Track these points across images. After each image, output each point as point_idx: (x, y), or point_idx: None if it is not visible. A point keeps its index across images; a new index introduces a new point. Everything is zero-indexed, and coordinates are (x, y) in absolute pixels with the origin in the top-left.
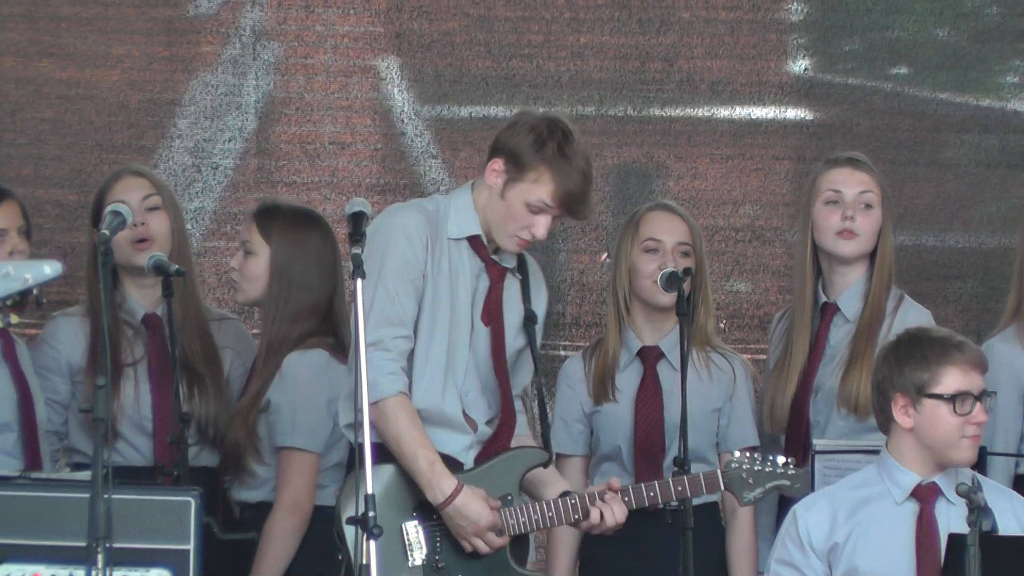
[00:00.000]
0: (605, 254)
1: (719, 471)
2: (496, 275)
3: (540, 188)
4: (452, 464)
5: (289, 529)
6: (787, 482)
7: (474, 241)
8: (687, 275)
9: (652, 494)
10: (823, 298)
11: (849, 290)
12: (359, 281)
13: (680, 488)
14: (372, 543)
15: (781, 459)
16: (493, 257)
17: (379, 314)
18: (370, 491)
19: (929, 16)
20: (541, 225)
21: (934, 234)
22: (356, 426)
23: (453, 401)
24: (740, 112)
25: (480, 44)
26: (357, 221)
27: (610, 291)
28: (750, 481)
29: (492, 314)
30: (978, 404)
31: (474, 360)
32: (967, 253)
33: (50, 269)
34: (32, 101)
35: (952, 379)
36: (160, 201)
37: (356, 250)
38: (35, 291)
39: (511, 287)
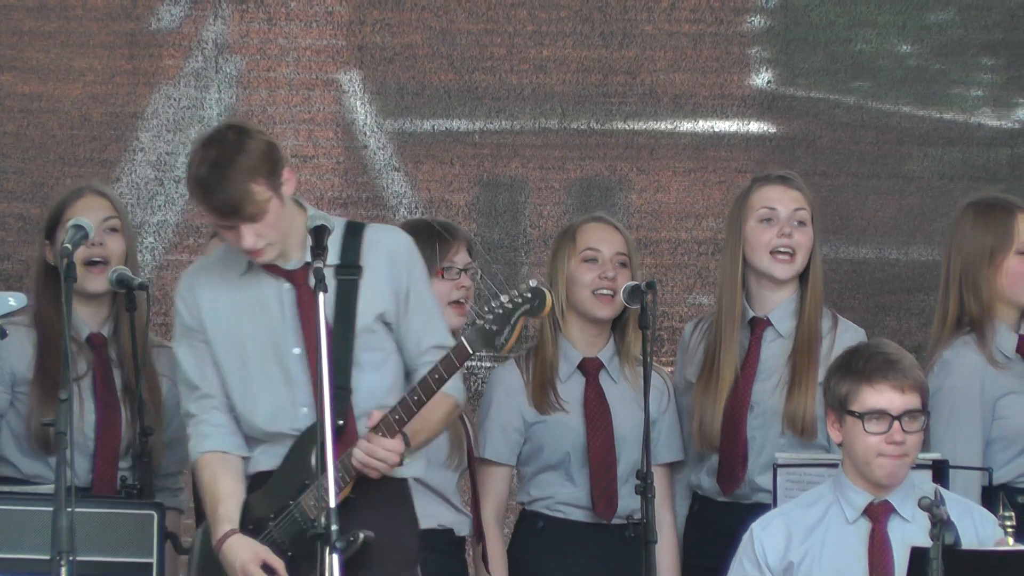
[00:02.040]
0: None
1: (461, 338)
2: (298, 278)
3: (201, 210)
4: None
5: None
6: (528, 305)
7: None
8: (649, 288)
9: (416, 398)
10: (751, 313)
11: (780, 306)
12: (320, 295)
13: (437, 376)
14: (335, 556)
15: (507, 296)
16: (280, 264)
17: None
18: (332, 504)
19: (892, 29)
20: (239, 238)
21: (897, 247)
22: (319, 444)
23: (280, 421)
24: (703, 125)
25: (442, 57)
26: (319, 235)
27: None
28: (495, 328)
29: (304, 318)
30: (896, 424)
31: (303, 370)
32: (930, 266)
33: (14, 301)
34: None
35: (867, 397)
36: (119, 224)
37: (318, 264)
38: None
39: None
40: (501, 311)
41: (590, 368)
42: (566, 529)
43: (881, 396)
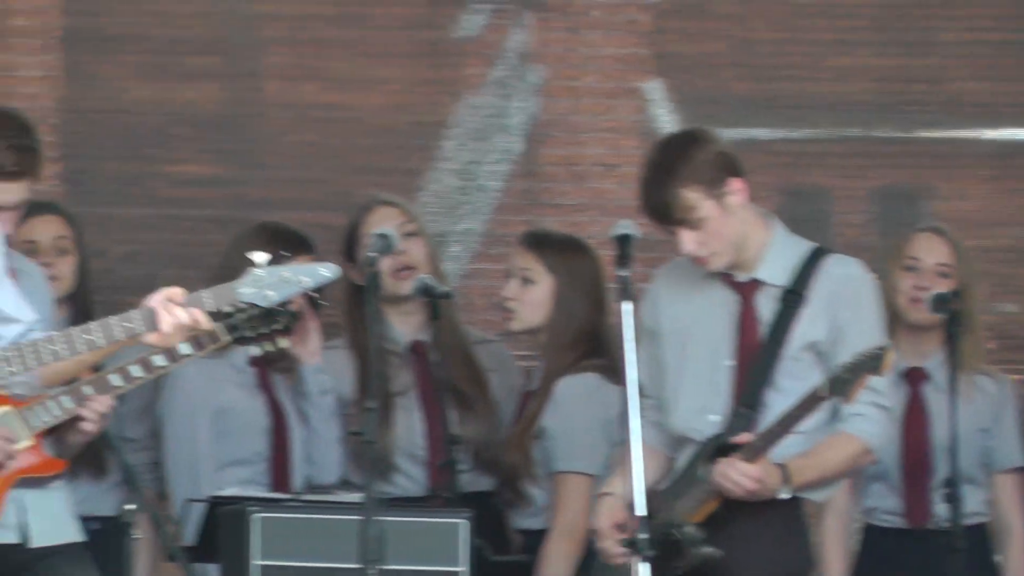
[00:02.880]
0: None
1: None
2: (746, 292)
3: None
4: None
5: (565, 555)
6: (870, 364)
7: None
8: (955, 297)
9: (775, 430)
10: None
11: None
12: (624, 304)
13: (794, 415)
14: (644, 565)
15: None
16: (733, 275)
17: None
18: (641, 512)
19: None
20: (679, 243)
21: None
22: (625, 449)
23: (689, 422)
24: (1005, 133)
25: (743, 66)
26: (624, 243)
27: None
28: (847, 376)
29: (741, 332)
30: None
31: (729, 382)
32: None
33: (326, 271)
34: (297, 125)
35: None
36: (416, 228)
37: (623, 272)
38: (313, 294)
39: (764, 300)
40: (852, 362)
41: (914, 378)
42: (890, 538)
43: None
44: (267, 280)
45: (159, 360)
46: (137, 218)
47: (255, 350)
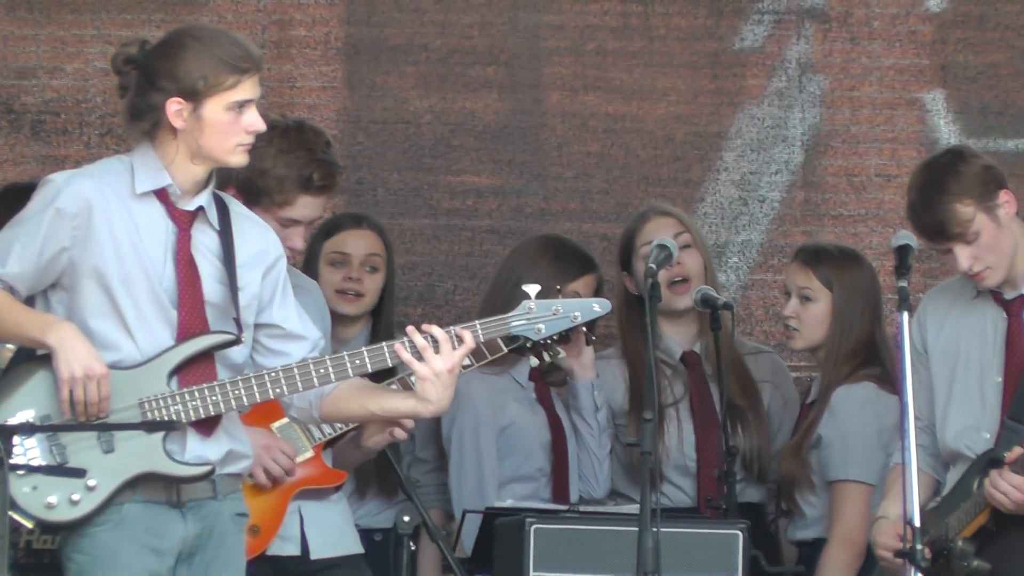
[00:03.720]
0: None
1: None
2: (1013, 308)
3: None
4: None
5: (843, 563)
6: None
7: None
8: None
9: None
10: None
11: None
12: (904, 314)
13: None
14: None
15: None
16: (1001, 292)
17: None
18: (917, 523)
19: None
20: (955, 260)
21: None
22: (897, 470)
23: (961, 440)
24: None
25: None
26: (903, 254)
27: None
28: None
29: (1010, 349)
30: None
31: (1000, 398)
32: None
33: (599, 307)
34: (578, 135)
35: None
36: (691, 238)
37: (903, 283)
38: (584, 329)
39: None
40: None
41: None
42: None
43: None
44: (538, 313)
45: None
46: (417, 229)
47: (533, 360)
